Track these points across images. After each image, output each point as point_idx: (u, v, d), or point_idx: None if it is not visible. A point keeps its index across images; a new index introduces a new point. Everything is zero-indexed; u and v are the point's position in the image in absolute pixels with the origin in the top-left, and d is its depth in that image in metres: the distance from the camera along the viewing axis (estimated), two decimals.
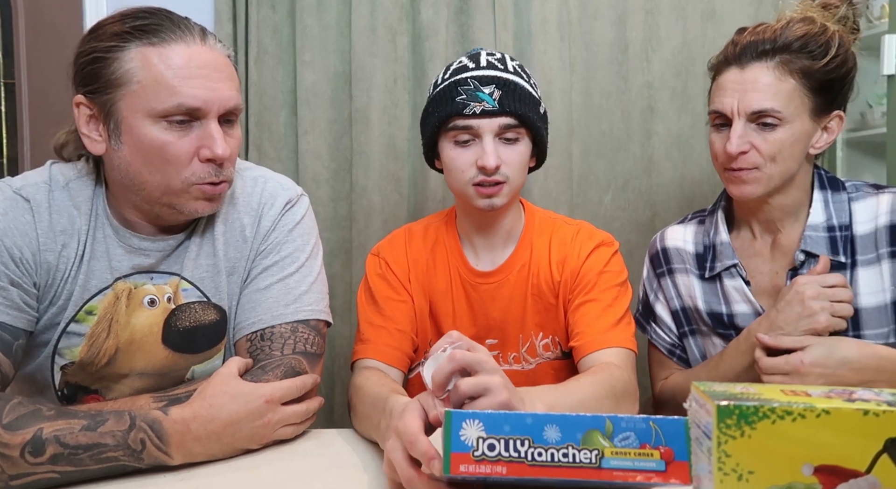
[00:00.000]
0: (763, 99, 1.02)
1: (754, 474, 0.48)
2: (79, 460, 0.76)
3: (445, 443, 0.56)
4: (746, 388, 0.53)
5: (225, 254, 1.00)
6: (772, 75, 1.03)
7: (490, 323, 1.15)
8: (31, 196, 0.91)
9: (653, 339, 1.26)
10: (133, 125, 0.86)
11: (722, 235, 1.15)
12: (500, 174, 1.05)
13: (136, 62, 0.85)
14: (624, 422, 0.56)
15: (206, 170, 0.89)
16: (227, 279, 1.00)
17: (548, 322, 1.14)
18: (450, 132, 1.07)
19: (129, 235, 0.95)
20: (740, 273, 1.13)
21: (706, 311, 1.17)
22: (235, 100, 0.91)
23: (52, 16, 1.79)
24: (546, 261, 1.14)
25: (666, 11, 1.67)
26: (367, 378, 0.99)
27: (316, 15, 1.69)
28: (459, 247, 1.17)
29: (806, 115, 1.04)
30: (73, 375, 0.96)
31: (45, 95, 1.81)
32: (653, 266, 1.25)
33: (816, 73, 1.03)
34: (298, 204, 1.05)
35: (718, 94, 1.08)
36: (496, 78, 1.05)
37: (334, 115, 1.71)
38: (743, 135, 1.04)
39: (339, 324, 1.73)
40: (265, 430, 0.86)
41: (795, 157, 1.06)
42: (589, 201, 1.71)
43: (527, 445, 0.56)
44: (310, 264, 1.03)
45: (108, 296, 0.94)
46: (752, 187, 1.06)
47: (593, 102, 1.70)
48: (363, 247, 1.66)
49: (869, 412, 0.47)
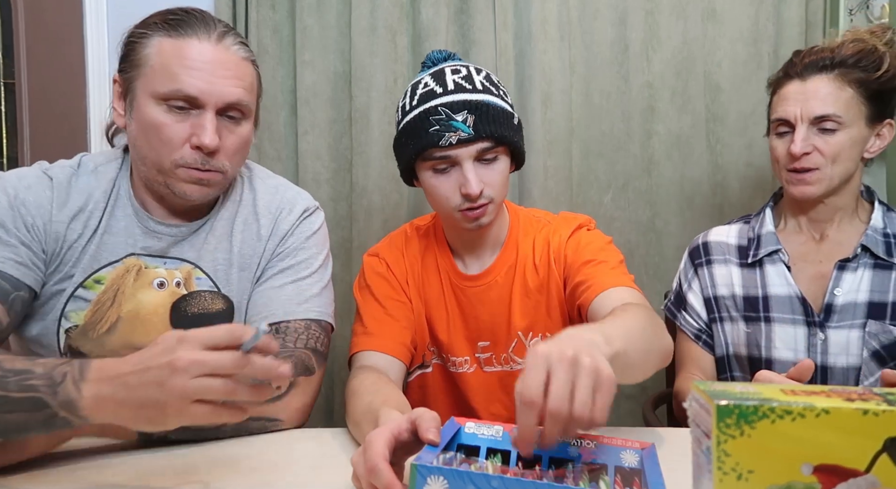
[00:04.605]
0: (825, 105, 1.15)
1: (754, 473, 0.48)
2: (5, 383, 0.73)
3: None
4: (746, 388, 0.53)
5: (240, 251, 1.06)
6: (832, 85, 1.15)
7: (481, 325, 1.16)
8: (56, 175, 1.01)
9: (681, 326, 1.33)
10: (141, 103, 0.95)
11: (768, 226, 1.26)
12: (483, 197, 1.04)
13: (154, 48, 0.95)
14: None
15: (193, 156, 0.96)
16: (239, 274, 1.06)
17: (537, 321, 1.14)
18: (427, 161, 1.06)
19: (146, 217, 1.02)
20: (782, 258, 1.23)
21: (742, 295, 1.25)
22: (237, 96, 0.96)
23: (52, 16, 1.79)
24: (531, 258, 1.15)
25: (666, 11, 1.67)
26: (362, 382, 0.98)
27: (316, 15, 1.69)
28: (448, 253, 1.18)
29: (862, 121, 1.17)
30: (75, 339, 1.01)
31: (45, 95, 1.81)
32: (691, 258, 1.34)
33: (871, 84, 1.15)
34: (315, 215, 1.13)
35: (781, 104, 1.20)
36: (467, 102, 1.03)
37: (334, 115, 1.71)
38: (806, 138, 1.16)
39: (340, 324, 1.72)
40: (173, 376, 0.67)
41: (853, 159, 1.18)
42: (589, 201, 1.71)
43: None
44: (321, 272, 1.09)
45: (117, 269, 1.01)
46: (813, 188, 1.18)
47: (593, 102, 1.70)
48: (363, 247, 1.66)
49: (869, 412, 0.47)
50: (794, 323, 1.20)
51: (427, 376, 1.20)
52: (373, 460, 0.63)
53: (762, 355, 1.22)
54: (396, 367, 1.08)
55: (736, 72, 1.67)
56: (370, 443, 0.65)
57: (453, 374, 1.18)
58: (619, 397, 1.67)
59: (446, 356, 1.18)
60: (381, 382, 0.98)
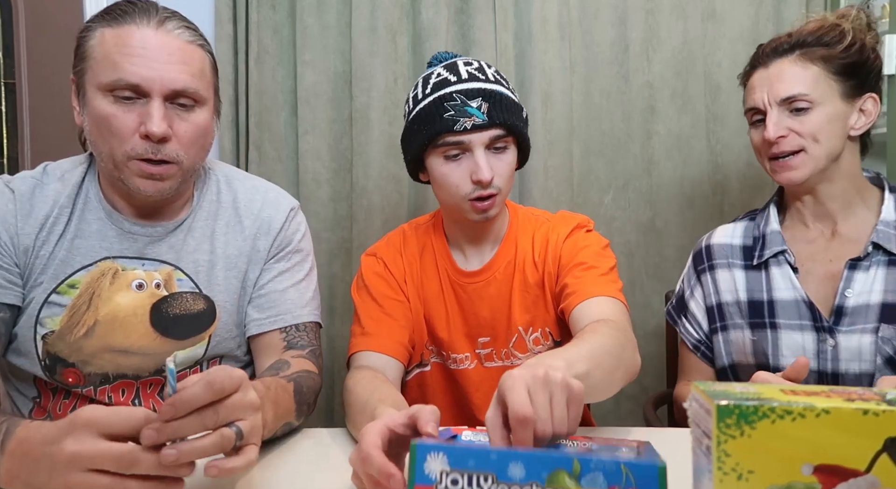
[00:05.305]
0: (790, 86, 1.12)
1: (754, 474, 0.48)
2: None
3: (410, 475, 0.56)
4: (746, 388, 0.53)
5: (225, 252, 1.06)
6: (795, 66, 1.13)
7: (480, 322, 1.16)
8: (17, 187, 0.99)
9: (681, 333, 1.29)
10: (90, 97, 0.93)
11: (773, 225, 1.20)
12: (493, 186, 1.06)
13: (97, 40, 0.93)
14: (593, 463, 0.54)
15: (144, 146, 0.93)
16: (225, 274, 1.05)
17: (537, 316, 1.15)
18: (439, 148, 1.07)
19: (120, 219, 1.01)
20: (788, 259, 1.16)
21: (746, 300, 1.19)
22: (183, 82, 0.93)
23: (53, 16, 1.79)
24: (530, 254, 1.16)
25: (666, 11, 1.67)
26: (358, 381, 0.98)
27: (316, 15, 1.69)
28: (447, 250, 1.19)
29: (836, 97, 1.12)
30: (52, 345, 0.99)
31: (45, 95, 1.81)
32: (694, 263, 1.29)
33: (836, 59, 1.11)
34: (300, 213, 1.15)
35: (749, 93, 1.18)
36: (481, 90, 1.05)
37: (334, 115, 1.71)
38: (778, 121, 1.12)
39: (339, 324, 1.73)
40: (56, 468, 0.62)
41: (837, 136, 1.12)
42: (589, 201, 1.71)
43: (490, 482, 0.55)
44: (312, 272, 1.14)
45: (91, 272, 0.99)
46: (798, 172, 1.13)
47: (593, 102, 1.70)
48: (363, 247, 1.65)
49: (869, 412, 0.47)
50: (802, 329, 1.12)
51: (426, 375, 1.20)
52: (365, 449, 0.65)
53: (769, 363, 1.15)
54: (394, 367, 1.08)
55: (736, 72, 1.64)
56: (363, 435, 0.67)
57: (453, 372, 1.18)
58: (619, 397, 1.68)
59: (446, 353, 1.18)
60: (378, 381, 0.99)
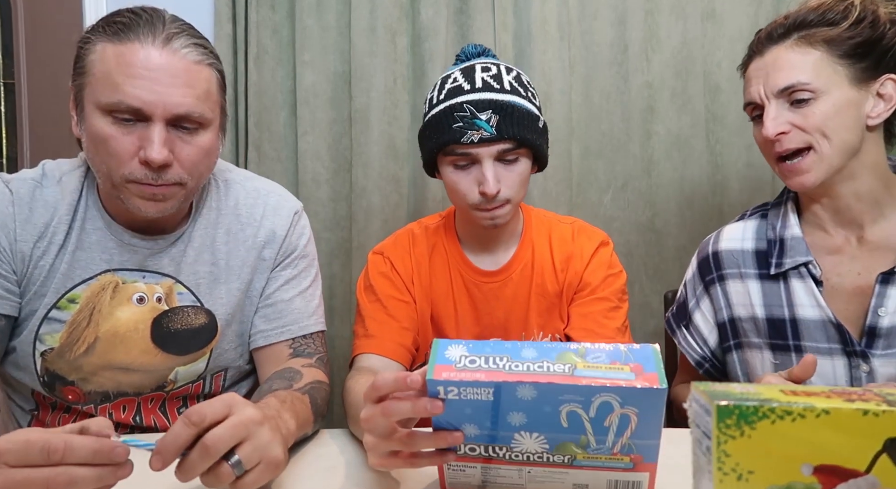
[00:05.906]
0: (787, 75, 0.97)
1: (754, 474, 0.48)
2: None
3: (431, 361, 0.63)
4: (746, 389, 0.53)
5: (227, 262, 1.03)
6: (792, 51, 0.98)
7: (494, 322, 1.16)
8: (16, 189, 0.95)
9: (680, 346, 1.17)
10: (88, 114, 0.89)
11: (793, 229, 1.04)
12: (499, 198, 1.05)
13: (98, 55, 0.88)
14: (595, 348, 0.63)
15: (142, 171, 0.88)
16: (227, 286, 1.03)
17: (550, 321, 1.15)
18: (448, 156, 1.07)
19: (120, 230, 0.97)
20: (812, 272, 1.01)
21: (765, 317, 1.04)
22: (188, 107, 0.88)
23: (52, 16, 1.79)
24: (549, 260, 1.16)
25: (666, 11, 1.67)
26: (358, 382, 0.98)
27: (316, 15, 1.69)
28: (460, 248, 1.18)
29: (844, 83, 0.97)
30: (51, 362, 0.97)
31: (45, 95, 1.81)
32: (700, 272, 1.14)
33: (841, 39, 0.96)
34: (303, 216, 1.12)
35: (746, 86, 1.04)
36: (492, 102, 1.04)
37: (334, 115, 1.71)
38: (777, 116, 0.98)
39: (339, 324, 1.73)
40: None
41: (850, 128, 0.96)
42: (589, 201, 1.71)
43: (505, 360, 0.62)
44: (317, 280, 1.13)
45: (91, 286, 0.96)
46: (810, 176, 0.98)
47: (593, 102, 1.70)
48: (363, 247, 1.66)
49: (869, 412, 0.47)
50: (831, 353, 0.98)
51: None
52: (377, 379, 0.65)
53: None
54: (394, 369, 1.08)
55: (736, 72, 1.66)
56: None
57: None
58: None
59: None
60: None
